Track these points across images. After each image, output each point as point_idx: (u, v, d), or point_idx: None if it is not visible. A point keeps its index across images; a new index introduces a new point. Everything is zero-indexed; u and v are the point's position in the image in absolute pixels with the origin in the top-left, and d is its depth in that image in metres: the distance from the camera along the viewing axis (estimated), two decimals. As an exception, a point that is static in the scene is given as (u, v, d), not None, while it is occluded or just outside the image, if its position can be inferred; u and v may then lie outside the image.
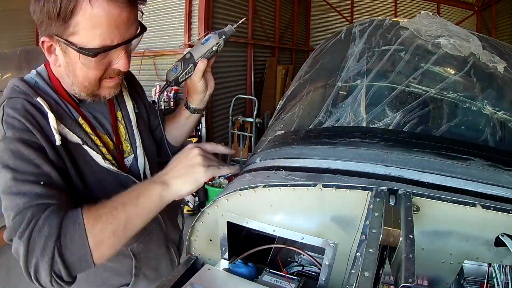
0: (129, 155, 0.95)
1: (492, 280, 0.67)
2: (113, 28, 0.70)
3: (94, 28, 0.68)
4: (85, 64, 0.73)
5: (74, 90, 0.81)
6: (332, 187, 0.65)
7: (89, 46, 0.70)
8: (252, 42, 5.86)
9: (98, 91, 0.81)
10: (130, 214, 0.70)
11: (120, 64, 0.76)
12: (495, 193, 0.65)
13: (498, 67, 1.01)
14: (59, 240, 0.63)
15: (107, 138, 0.89)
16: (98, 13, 0.67)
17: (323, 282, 0.71)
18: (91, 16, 0.67)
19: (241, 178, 0.81)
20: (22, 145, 0.69)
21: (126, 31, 0.72)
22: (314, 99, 1.17)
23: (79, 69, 0.75)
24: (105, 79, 0.79)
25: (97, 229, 0.66)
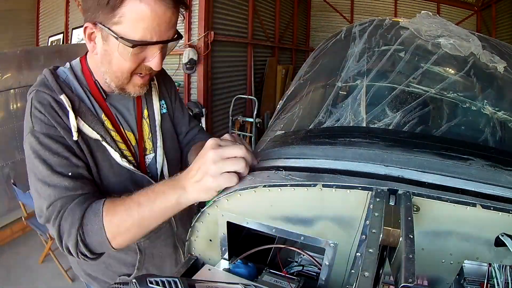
0: (150, 153, 0.99)
1: (492, 280, 0.67)
2: (155, 25, 0.74)
3: (138, 21, 0.73)
4: (122, 54, 0.77)
5: (105, 80, 0.85)
6: (332, 187, 0.65)
7: (129, 38, 0.74)
8: (252, 42, 5.86)
9: (126, 86, 0.85)
10: (144, 214, 0.73)
11: (153, 62, 0.81)
12: (495, 193, 0.65)
13: (498, 67, 1.01)
14: (81, 228, 0.75)
15: (131, 134, 0.94)
16: (145, 8, 0.72)
17: (323, 282, 0.71)
18: (138, 9, 0.72)
19: (241, 178, 0.81)
20: (50, 139, 0.78)
21: (166, 31, 0.77)
22: (314, 99, 1.17)
23: (116, 58, 0.79)
24: (135, 75, 0.84)
25: (113, 224, 0.74)
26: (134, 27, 0.73)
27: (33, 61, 3.23)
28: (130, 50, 0.76)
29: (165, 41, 0.79)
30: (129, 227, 0.75)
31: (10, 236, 3.28)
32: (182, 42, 4.51)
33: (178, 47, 4.54)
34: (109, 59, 0.80)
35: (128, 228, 0.75)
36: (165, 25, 0.76)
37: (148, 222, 0.75)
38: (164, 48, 0.83)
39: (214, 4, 4.66)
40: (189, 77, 4.56)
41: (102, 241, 0.75)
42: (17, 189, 2.74)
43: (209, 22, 4.53)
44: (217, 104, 5.00)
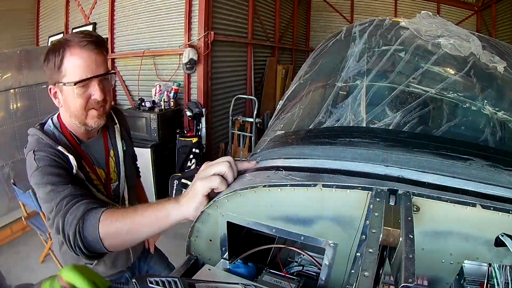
0: (115, 182, 1.28)
1: (492, 280, 0.67)
2: (86, 66, 1.03)
3: (74, 68, 1.02)
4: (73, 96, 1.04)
5: (73, 123, 1.11)
6: (332, 187, 0.65)
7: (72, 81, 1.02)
8: (252, 42, 5.85)
9: (86, 120, 1.09)
10: (135, 219, 0.82)
11: (96, 94, 1.06)
12: (495, 193, 0.65)
13: (498, 67, 1.01)
14: (82, 220, 0.87)
15: (101, 171, 1.21)
16: (75, 57, 1.02)
17: (323, 282, 0.71)
18: (71, 60, 1.02)
19: (241, 178, 0.81)
20: (52, 168, 0.99)
21: (96, 68, 1.05)
22: (314, 99, 1.17)
23: (71, 101, 1.06)
24: (90, 110, 1.08)
25: (106, 223, 0.85)
26: (73, 72, 1.02)
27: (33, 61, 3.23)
28: (75, 89, 1.02)
29: (97, 75, 1.05)
30: (119, 228, 0.84)
31: (10, 236, 3.28)
32: (182, 42, 4.51)
33: (178, 47, 4.54)
34: (67, 104, 1.07)
35: (118, 228, 0.84)
36: (94, 64, 1.04)
37: (138, 228, 0.82)
38: (104, 82, 1.08)
39: (214, 4, 4.65)
40: (189, 77, 4.56)
41: (95, 238, 0.86)
42: (17, 189, 2.74)
43: (209, 22, 4.52)
44: (217, 104, 4.99)
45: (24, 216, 2.82)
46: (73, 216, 0.89)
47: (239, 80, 5.72)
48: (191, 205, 0.76)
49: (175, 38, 4.62)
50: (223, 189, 0.75)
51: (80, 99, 1.04)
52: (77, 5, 5.53)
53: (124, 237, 0.85)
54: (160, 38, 4.73)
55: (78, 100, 1.04)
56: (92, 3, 5.26)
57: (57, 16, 6.01)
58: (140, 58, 4.67)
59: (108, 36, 5.07)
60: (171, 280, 0.56)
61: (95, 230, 0.85)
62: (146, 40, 4.74)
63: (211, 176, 0.76)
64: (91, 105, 1.07)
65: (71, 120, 1.10)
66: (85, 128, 1.11)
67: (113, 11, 5.00)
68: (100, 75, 1.06)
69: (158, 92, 4.38)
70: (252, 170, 0.83)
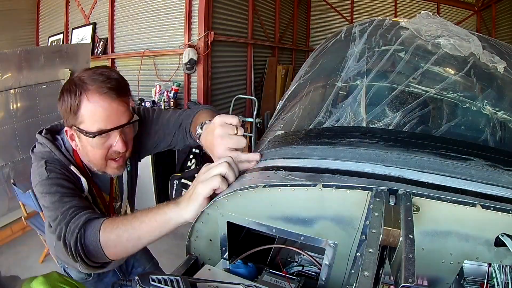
0: (117, 201, 1.26)
1: (492, 280, 0.67)
2: (106, 116, 0.94)
3: (92, 117, 0.94)
4: (92, 146, 0.98)
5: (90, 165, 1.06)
6: (332, 187, 0.65)
7: (90, 131, 0.95)
8: (252, 42, 5.85)
9: (105, 169, 1.05)
10: (135, 227, 0.81)
11: (117, 146, 0.99)
12: (495, 193, 0.65)
13: (498, 67, 1.01)
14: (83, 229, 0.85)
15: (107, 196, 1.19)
16: (94, 105, 0.93)
17: (323, 282, 0.71)
18: (89, 108, 0.93)
19: (241, 178, 0.81)
20: (63, 180, 0.96)
21: (117, 119, 0.97)
22: (314, 99, 1.17)
23: (89, 150, 1.00)
24: (109, 160, 1.03)
25: (107, 231, 0.83)
26: (92, 122, 0.94)
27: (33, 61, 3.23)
28: (93, 141, 0.95)
29: (119, 126, 0.97)
30: (119, 236, 0.82)
31: (10, 236, 3.28)
32: (182, 42, 4.51)
33: (178, 47, 4.53)
34: (85, 151, 1.01)
35: (118, 236, 0.82)
36: (114, 114, 0.95)
37: (138, 234, 0.81)
38: (125, 131, 1.01)
39: (214, 4, 4.65)
40: (189, 77, 4.56)
41: (96, 245, 0.84)
42: (17, 189, 2.74)
43: (209, 22, 4.52)
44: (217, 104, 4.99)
45: (24, 216, 2.82)
46: (75, 225, 0.87)
47: (239, 80, 5.72)
48: (192, 208, 0.76)
49: (175, 38, 4.62)
50: (224, 189, 0.75)
51: (99, 150, 0.99)
52: (77, 5, 5.53)
53: (125, 244, 0.83)
54: (160, 38, 4.73)
55: (97, 150, 0.99)
56: (92, 3, 5.26)
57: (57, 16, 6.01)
58: (140, 58, 4.67)
59: (108, 36, 5.07)
60: (173, 279, 0.56)
61: (96, 238, 0.84)
62: (146, 40, 4.74)
63: (212, 177, 0.75)
64: (110, 156, 1.02)
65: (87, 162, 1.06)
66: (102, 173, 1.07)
67: (113, 11, 5.00)
68: (121, 126, 0.98)
69: (158, 92, 4.38)
70: (252, 170, 0.83)
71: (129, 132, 1.03)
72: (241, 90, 5.69)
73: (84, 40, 5.27)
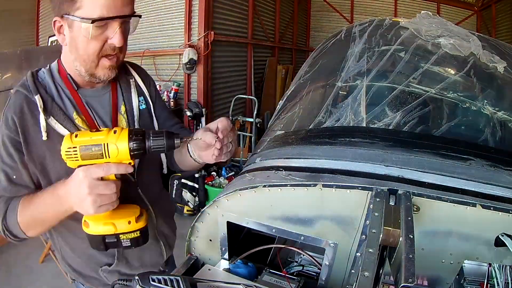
0: None
1: (492, 280, 0.67)
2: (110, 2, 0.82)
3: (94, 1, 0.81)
4: (86, 35, 0.84)
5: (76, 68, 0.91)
6: (332, 187, 0.65)
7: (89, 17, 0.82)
8: (252, 42, 5.85)
9: (95, 70, 0.90)
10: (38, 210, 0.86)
11: (115, 39, 0.85)
12: (495, 193, 0.65)
13: (498, 67, 1.01)
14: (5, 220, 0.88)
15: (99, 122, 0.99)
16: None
17: (323, 282, 0.71)
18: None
19: (241, 178, 0.81)
20: (9, 142, 0.88)
21: (121, 7, 0.84)
22: (314, 99, 1.17)
23: (81, 42, 0.85)
24: (103, 58, 0.88)
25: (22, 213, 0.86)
26: (92, 6, 0.81)
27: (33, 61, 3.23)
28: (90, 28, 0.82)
29: (121, 16, 0.84)
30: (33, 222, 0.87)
31: (10, 236, 3.28)
32: (182, 42, 4.51)
33: (178, 47, 4.53)
34: (75, 44, 0.87)
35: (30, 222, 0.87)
36: (120, 2, 0.83)
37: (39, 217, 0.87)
38: (125, 25, 0.88)
39: (214, 4, 4.65)
40: (189, 77, 4.56)
41: (19, 232, 0.88)
42: (17, 189, 2.73)
43: (209, 22, 4.52)
44: (217, 104, 4.99)
45: (24, 216, 2.82)
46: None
47: (239, 80, 5.72)
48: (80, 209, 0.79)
49: (175, 38, 4.62)
50: None
51: (94, 41, 0.84)
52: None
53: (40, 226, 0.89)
54: (160, 38, 4.73)
55: (91, 42, 0.84)
56: (92, 3, 5.25)
57: (57, 16, 6.00)
58: (140, 58, 4.67)
59: (108, 36, 5.06)
60: (173, 279, 0.56)
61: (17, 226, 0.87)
62: (146, 40, 4.74)
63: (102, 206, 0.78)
64: (105, 51, 0.88)
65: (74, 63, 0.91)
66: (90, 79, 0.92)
67: (113, 11, 4.99)
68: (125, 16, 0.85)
69: (158, 92, 4.38)
70: (252, 170, 0.83)
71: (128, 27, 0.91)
72: (241, 90, 5.69)
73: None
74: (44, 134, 0.88)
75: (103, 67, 0.90)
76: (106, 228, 0.78)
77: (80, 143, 0.73)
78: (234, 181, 0.83)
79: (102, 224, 0.79)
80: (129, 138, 0.74)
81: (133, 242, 0.81)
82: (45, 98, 0.91)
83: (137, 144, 0.74)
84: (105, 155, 0.74)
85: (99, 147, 0.73)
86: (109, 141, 0.73)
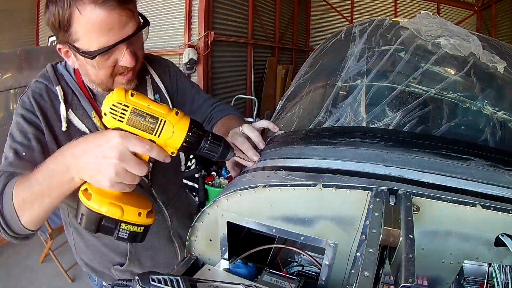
0: None
1: (492, 280, 0.67)
2: (106, 30, 0.74)
3: (89, 33, 0.74)
4: (93, 66, 0.80)
5: (92, 86, 0.90)
6: (332, 187, 0.65)
7: (90, 49, 0.76)
8: (252, 42, 5.86)
9: (112, 86, 0.87)
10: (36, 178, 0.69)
11: (124, 61, 0.81)
12: (495, 193, 0.65)
13: (498, 67, 1.01)
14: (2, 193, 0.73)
15: None
16: (89, 19, 0.73)
17: (323, 282, 0.71)
18: (84, 22, 0.73)
19: (241, 178, 0.81)
20: (23, 120, 0.84)
21: (120, 30, 0.76)
22: (314, 99, 1.17)
23: (90, 69, 0.82)
24: (117, 75, 0.85)
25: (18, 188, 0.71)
26: (89, 39, 0.75)
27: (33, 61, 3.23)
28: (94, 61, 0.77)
29: (124, 39, 0.77)
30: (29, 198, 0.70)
31: (10, 236, 3.28)
32: (182, 42, 4.51)
33: (178, 47, 4.54)
34: (85, 71, 0.85)
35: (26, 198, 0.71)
36: (116, 26, 0.75)
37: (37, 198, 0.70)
38: (132, 43, 0.82)
39: (214, 4, 4.66)
40: (189, 77, 4.57)
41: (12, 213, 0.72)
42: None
43: (209, 22, 4.52)
44: (217, 104, 5.00)
45: (24, 216, 2.82)
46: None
47: (239, 80, 5.72)
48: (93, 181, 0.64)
49: (175, 38, 4.63)
50: None
51: (102, 69, 0.81)
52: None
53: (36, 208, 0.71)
54: (160, 38, 4.74)
55: (100, 70, 0.81)
56: (92, 3, 5.25)
57: (57, 16, 6.00)
58: (140, 58, 4.66)
59: (108, 36, 5.06)
60: (173, 279, 0.56)
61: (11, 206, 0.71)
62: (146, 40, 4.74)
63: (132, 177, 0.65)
64: (118, 71, 0.84)
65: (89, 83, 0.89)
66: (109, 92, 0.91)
67: (113, 11, 4.99)
68: (127, 38, 0.78)
69: (158, 92, 4.38)
70: (252, 170, 0.83)
71: (137, 40, 0.84)
72: (241, 90, 5.69)
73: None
74: (64, 124, 0.85)
75: (119, 84, 0.87)
76: (111, 209, 0.64)
77: (134, 105, 0.61)
78: (234, 181, 0.83)
79: (107, 204, 0.64)
80: (189, 127, 0.63)
81: (131, 236, 0.68)
82: (66, 90, 0.89)
83: (195, 138, 0.64)
84: (156, 132, 0.62)
85: (154, 120, 0.61)
86: (169, 119, 0.62)
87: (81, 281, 2.75)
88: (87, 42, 0.76)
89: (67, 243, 3.12)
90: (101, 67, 0.80)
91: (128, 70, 0.85)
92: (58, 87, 0.87)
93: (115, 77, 0.85)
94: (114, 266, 1.04)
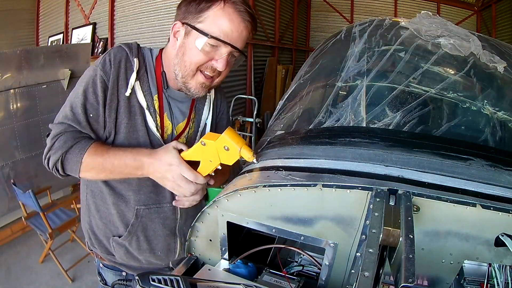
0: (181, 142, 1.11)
1: (492, 280, 0.67)
2: (229, 30, 0.91)
3: (217, 21, 0.90)
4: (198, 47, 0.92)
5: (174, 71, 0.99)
6: (332, 187, 0.65)
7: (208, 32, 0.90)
8: (252, 42, 5.85)
9: (190, 80, 0.97)
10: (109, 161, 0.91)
11: (219, 62, 0.93)
12: (495, 193, 0.65)
13: (498, 67, 1.01)
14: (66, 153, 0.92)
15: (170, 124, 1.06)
16: (226, 13, 0.90)
17: (323, 282, 0.71)
18: (219, 13, 0.90)
19: (241, 178, 0.81)
20: (100, 81, 0.94)
21: (237, 38, 0.92)
22: (314, 99, 1.17)
23: (189, 50, 0.94)
24: (200, 72, 0.96)
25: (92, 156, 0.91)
26: (214, 25, 0.90)
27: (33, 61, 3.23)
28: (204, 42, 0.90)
29: (234, 46, 0.92)
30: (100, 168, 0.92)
31: (10, 236, 3.28)
32: (182, 42, 4.51)
33: (178, 47, 4.54)
34: (184, 50, 0.95)
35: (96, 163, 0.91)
36: (237, 33, 0.92)
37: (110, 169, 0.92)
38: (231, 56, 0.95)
39: (214, 4, 4.65)
40: (189, 77, 4.58)
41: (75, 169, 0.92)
42: (17, 189, 2.73)
43: (209, 22, 4.52)
44: (217, 104, 4.99)
45: (24, 216, 2.82)
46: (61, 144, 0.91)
47: (239, 80, 5.72)
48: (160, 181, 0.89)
49: (175, 38, 4.62)
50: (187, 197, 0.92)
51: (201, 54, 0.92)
52: (77, 5, 5.53)
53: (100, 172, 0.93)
54: (160, 38, 4.73)
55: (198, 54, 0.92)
56: (92, 3, 5.26)
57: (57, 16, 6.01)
58: (140, 58, 4.66)
59: (108, 36, 5.06)
60: (173, 279, 0.56)
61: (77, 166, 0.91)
62: (146, 40, 4.74)
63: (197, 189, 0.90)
64: (205, 68, 0.95)
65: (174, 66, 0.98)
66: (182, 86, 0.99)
67: (113, 11, 5.00)
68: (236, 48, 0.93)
69: (158, 92, 4.37)
70: (252, 170, 0.83)
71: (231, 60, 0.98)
72: (241, 90, 5.69)
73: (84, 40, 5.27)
74: (128, 90, 0.96)
75: (197, 81, 0.97)
76: None
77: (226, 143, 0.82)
78: (234, 181, 0.83)
79: None
80: None
81: None
82: (141, 65, 1.00)
83: None
84: None
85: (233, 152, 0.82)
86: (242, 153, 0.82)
87: (81, 281, 2.75)
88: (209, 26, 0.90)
89: (67, 243, 3.12)
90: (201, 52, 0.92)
91: (210, 76, 0.97)
92: (135, 59, 0.98)
93: (199, 72, 0.96)
94: (113, 237, 1.08)
